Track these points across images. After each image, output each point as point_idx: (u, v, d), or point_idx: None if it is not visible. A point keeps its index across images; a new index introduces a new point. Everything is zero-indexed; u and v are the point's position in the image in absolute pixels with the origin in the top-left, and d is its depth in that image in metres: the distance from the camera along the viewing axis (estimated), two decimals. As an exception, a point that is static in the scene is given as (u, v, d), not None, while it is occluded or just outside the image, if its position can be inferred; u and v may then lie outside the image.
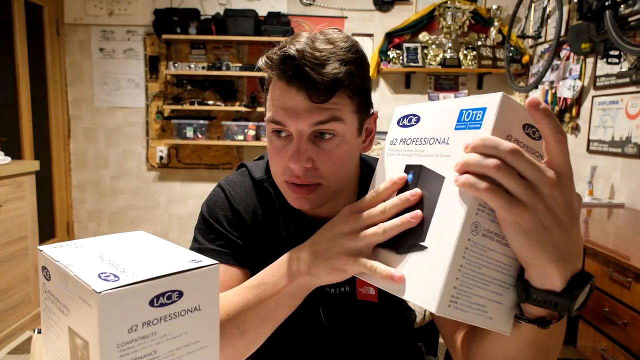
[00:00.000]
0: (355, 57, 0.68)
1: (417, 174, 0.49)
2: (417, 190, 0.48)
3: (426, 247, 0.45)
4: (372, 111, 0.76)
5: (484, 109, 0.44)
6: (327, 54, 0.65)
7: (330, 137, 0.67)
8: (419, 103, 0.54)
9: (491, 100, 0.43)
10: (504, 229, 0.42)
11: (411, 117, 0.54)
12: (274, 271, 0.63)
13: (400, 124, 0.55)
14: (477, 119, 0.44)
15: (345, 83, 0.65)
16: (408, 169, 0.51)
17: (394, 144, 0.55)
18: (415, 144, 0.51)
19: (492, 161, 0.40)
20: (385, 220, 0.50)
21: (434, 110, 0.51)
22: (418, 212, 0.47)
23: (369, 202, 0.54)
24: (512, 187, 0.40)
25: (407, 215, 0.47)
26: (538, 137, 0.45)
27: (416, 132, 0.52)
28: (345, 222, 0.55)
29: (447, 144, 0.47)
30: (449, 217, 0.43)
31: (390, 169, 0.54)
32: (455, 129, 0.46)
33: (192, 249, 0.82)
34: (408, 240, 0.48)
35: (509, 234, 0.42)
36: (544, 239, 0.41)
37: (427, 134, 0.50)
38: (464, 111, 0.46)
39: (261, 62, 0.69)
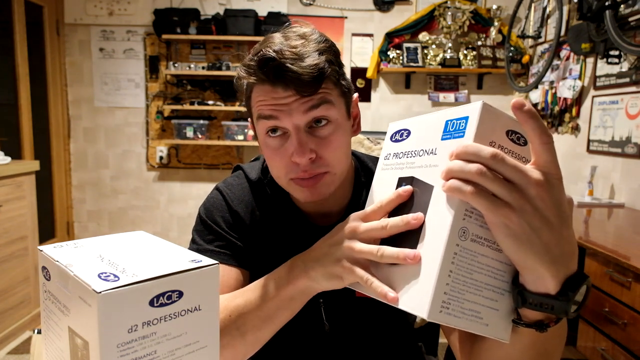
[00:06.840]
0: (328, 46, 0.71)
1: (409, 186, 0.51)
2: (419, 215, 0.47)
3: None
4: (353, 95, 0.78)
5: (466, 118, 0.45)
6: (302, 47, 0.67)
7: (325, 124, 0.69)
8: (410, 118, 0.56)
9: (472, 109, 0.45)
10: (494, 233, 0.43)
11: (402, 131, 0.56)
12: (276, 274, 0.64)
13: (393, 139, 0.57)
14: (460, 128, 0.46)
15: (328, 71, 0.67)
16: (400, 181, 0.52)
17: (388, 159, 0.56)
18: (407, 157, 0.53)
19: (474, 166, 0.41)
20: (385, 237, 0.51)
21: (422, 124, 0.52)
22: (416, 252, 0.46)
23: (373, 213, 0.53)
24: (497, 189, 0.41)
25: (402, 252, 0.47)
26: (523, 143, 0.46)
27: (407, 145, 0.54)
28: (348, 231, 0.54)
29: (435, 154, 0.48)
30: (437, 224, 0.45)
31: (384, 184, 0.55)
32: (442, 139, 0.48)
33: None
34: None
35: (499, 237, 0.43)
36: (533, 240, 0.41)
37: (417, 146, 0.51)
38: (449, 122, 0.48)
39: (240, 72, 0.71)
